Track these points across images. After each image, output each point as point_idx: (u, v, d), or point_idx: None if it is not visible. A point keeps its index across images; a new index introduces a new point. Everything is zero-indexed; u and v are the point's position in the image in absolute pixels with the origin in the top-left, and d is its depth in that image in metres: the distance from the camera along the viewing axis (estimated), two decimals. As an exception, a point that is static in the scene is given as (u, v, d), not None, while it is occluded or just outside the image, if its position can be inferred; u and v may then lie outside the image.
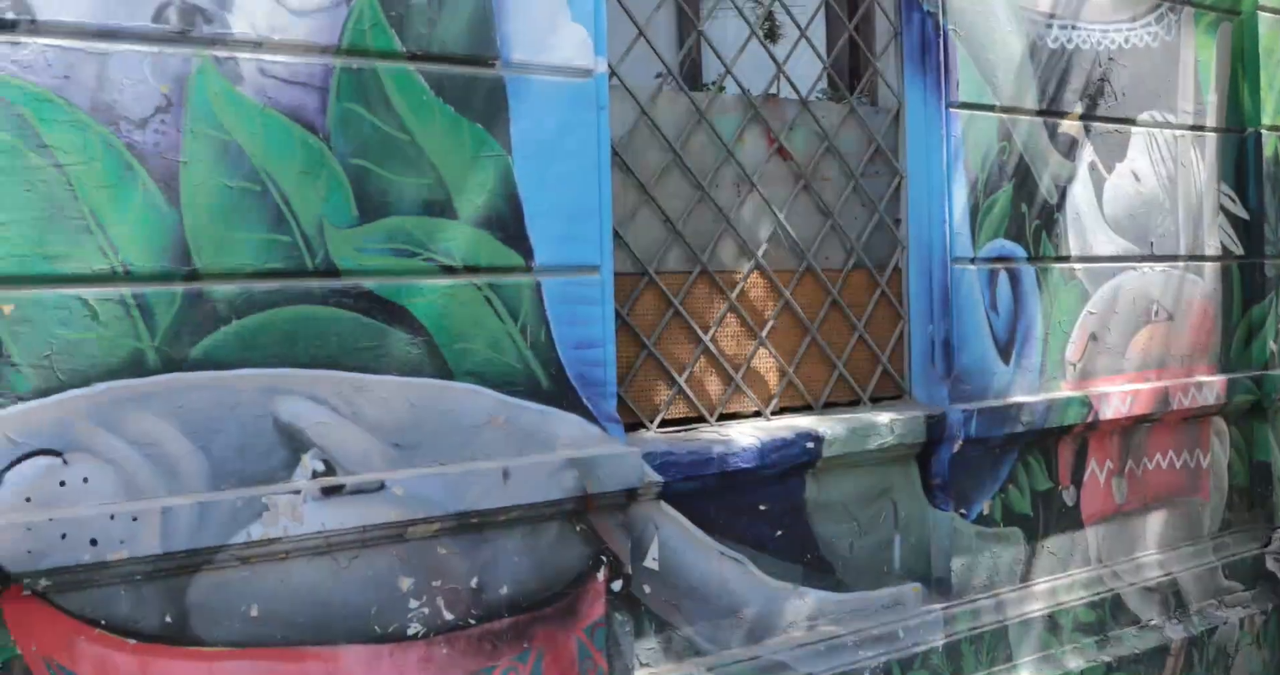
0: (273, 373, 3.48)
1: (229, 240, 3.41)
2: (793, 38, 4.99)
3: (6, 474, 3.13)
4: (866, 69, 5.24)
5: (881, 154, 5.20)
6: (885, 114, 5.24)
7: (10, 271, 3.12)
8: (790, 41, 5.00)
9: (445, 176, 3.76)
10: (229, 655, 3.46)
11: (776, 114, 4.91)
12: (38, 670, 3.20)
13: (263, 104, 3.46)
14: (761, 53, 4.89)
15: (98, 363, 3.24)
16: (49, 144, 3.17)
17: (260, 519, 3.43)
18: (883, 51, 5.24)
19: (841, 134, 5.09)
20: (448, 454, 3.77)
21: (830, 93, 5.20)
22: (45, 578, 3.17)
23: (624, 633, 4.20)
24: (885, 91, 5.27)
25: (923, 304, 5.24)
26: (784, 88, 4.95)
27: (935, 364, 5.23)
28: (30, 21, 3.15)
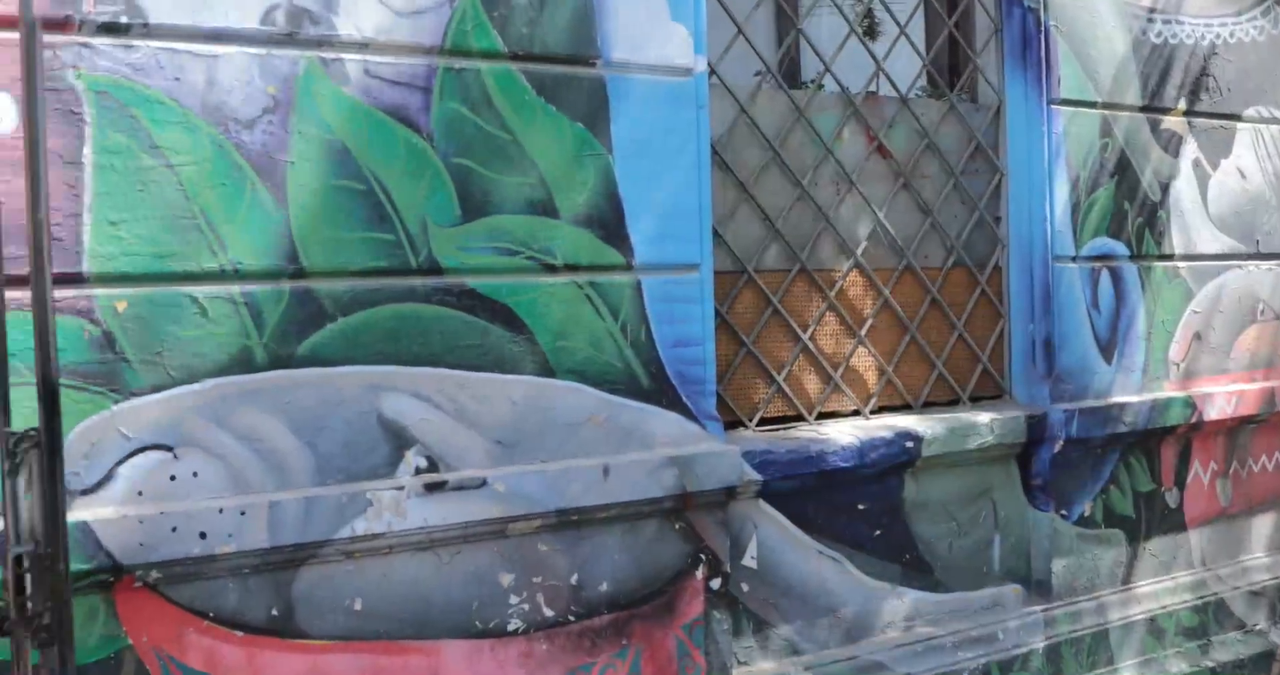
0: (377, 370, 3.52)
1: (334, 239, 3.46)
2: (892, 35, 4.96)
3: (119, 468, 3.19)
4: (966, 66, 5.20)
5: (981, 151, 5.15)
6: (985, 111, 5.19)
7: (124, 270, 3.18)
8: (889, 39, 4.97)
9: (547, 175, 3.78)
10: (333, 648, 3.50)
11: (876, 112, 4.88)
12: (148, 660, 3.26)
13: (368, 104, 3.50)
14: (861, 50, 4.87)
15: (207, 359, 3.30)
16: (161, 145, 3.23)
17: (364, 514, 3.47)
18: (983, 48, 5.20)
19: (941, 131, 5.06)
20: (548, 451, 3.79)
21: (930, 90, 5.16)
22: (156, 570, 3.22)
23: (722, 631, 4.20)
24: (985, 88, 5.22)
25: (1023, 302, 5.20)
26: (883, 85, 4.93)
27: (1036, 363, 5.18)
28: (143, 25, 3.20)
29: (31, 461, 2.26)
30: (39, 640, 2.26)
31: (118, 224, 3.17)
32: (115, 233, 3.17)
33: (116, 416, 3.19)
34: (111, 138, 3.17)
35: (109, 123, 3.17)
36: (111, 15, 3.17)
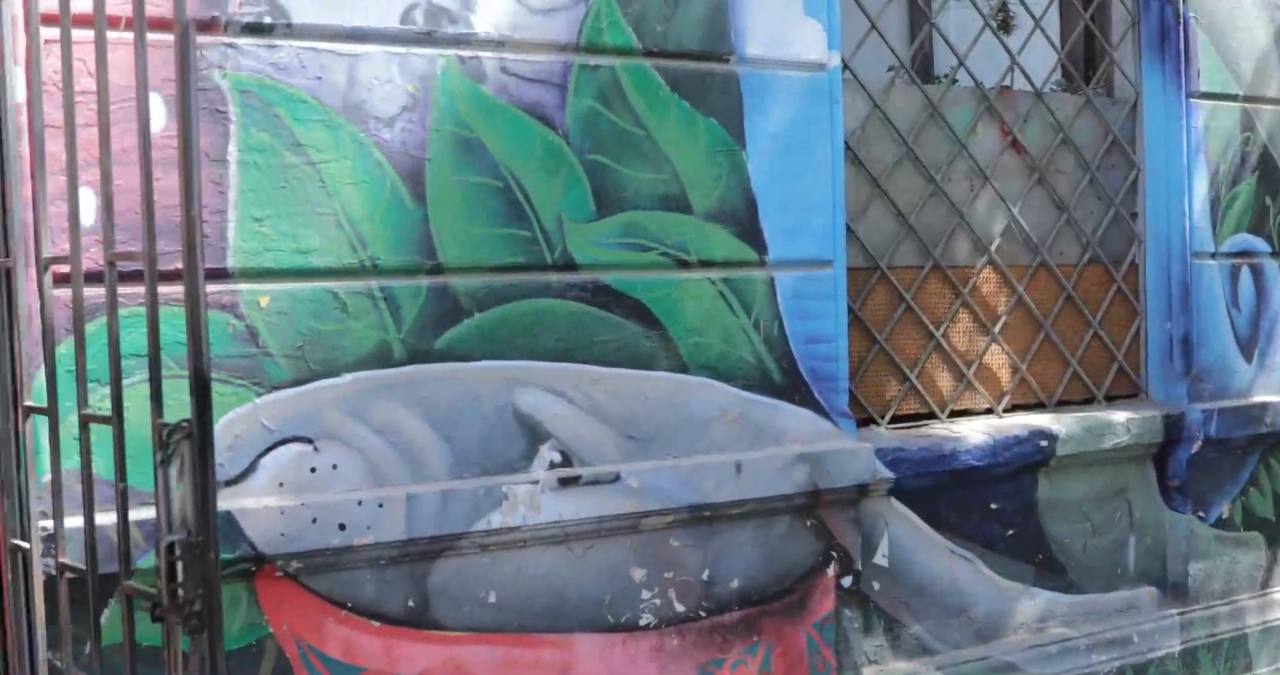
0: (512, 365, 3.55)
1: (471, 235, 3.49)
2: (1026, 28, 4.90)
3: (262, 460, 3.25)
4: (1102, 59, 5.12)
5: (1118, 146, 5.07)
6: (1122, 105, 5.11)
7: (267, 265, 3.24)
8: (1024, 32, 4.91)
9: (681, 171, 3.79)
10: (468, 640, 3.54)
11: (1010, 106, 4.83)
12: (288, 648, 3.32)
13: (504, 102, 3.53)
14: (995, 44, 4.82)
15: (347, 354, 3.35)
16: (303, 142, 3.28)
17: (500, 508, 3.50)
18: (1119, 41, 5.11)
19: (1077, 126, 4.98)
20: (681, 447, 3.80)
21: (1065, 84, 5.09)
22: (296, 560, 3.28)
23: (853, 629, 4.18)
24: (1122, 82, 5.14)
25: (1160, 300, 5.10)
26: (1018, 79, 4.87)
27: (1173, 362, 5.08)
28: (286, 25, 3.26)
29: (183, 452, 2.31)
30: (189, 627, 2.31)
31: (261, 220, 3.23)
32: (259, 229, 3.23)
33: (259, 409, 3.25)
34: (255, 136, 3.23)
35: (253, 121, 3.23)
36: (256, 16, 3.23)
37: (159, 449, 2.33)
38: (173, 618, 2.33)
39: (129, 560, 2.55)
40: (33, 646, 2.96)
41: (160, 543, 2.31)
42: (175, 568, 2.31)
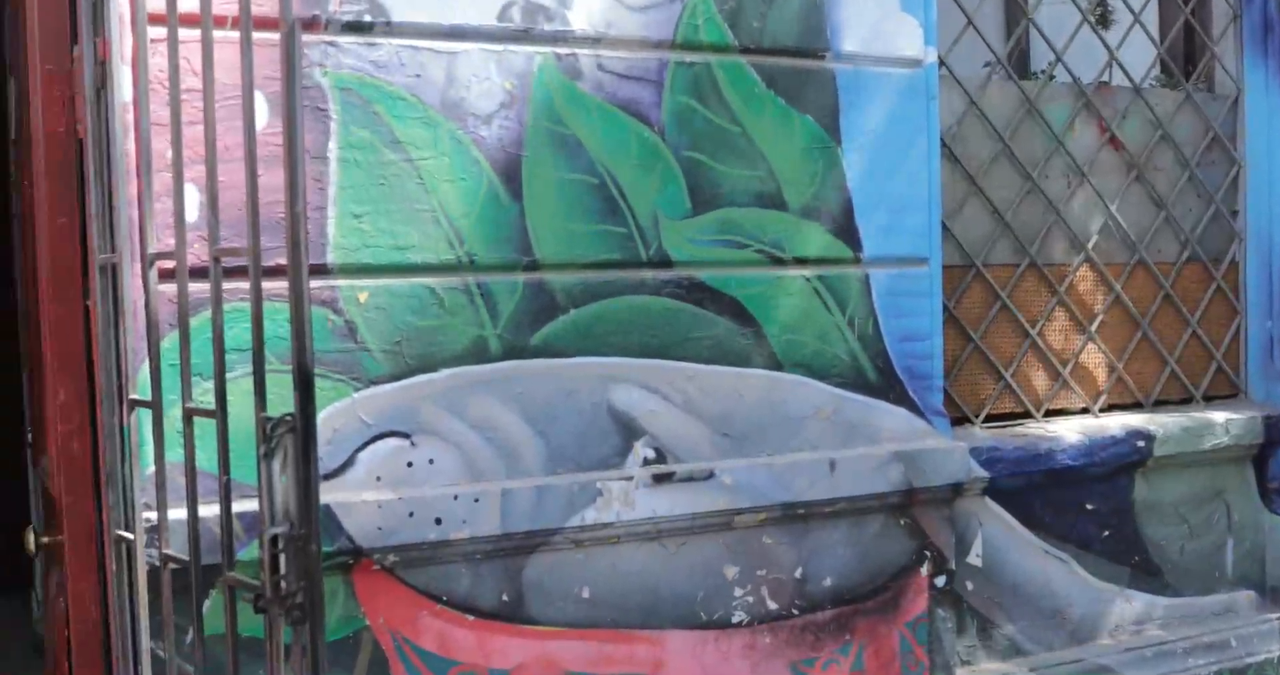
0: (608, 361, 3.56)
1: (567, 231, 3.50)
2: (1125, 23, 4.84)
3: (359, 454, 3.28)
4: (1203, 54, 5.04)
5: (1219, 142, 4.99)
6: (1223, 101, 5.03)
7: (366, 261, 3.27)
8: (1123, 27, 4.84)
9: (776, 168, 3.78)
10: (562, 635, 3.55)
11: (1108, 102, 4.76)
12: (384, 641, 3.35)
13: (600, 98, 3.54)
14: (1093, 39, 4.76)
15: (444, 349, 3.38)
16: (402, 140, 3.31)
17: (594, 504, 3.51)
18: (1220, 35, 5.03)
19: (1176, 122, 4.91)
20: (775, 444, 3.79)
21: (1164, 79, 5.02)
22: (393, 554, 3.31)
23: (946, 629, 4.15)
24: (1223, 77, 5.06)
25: (1261, 298, 5.02)
26: (1116, 75, 4.80)
27: (1274, 361, 5.00)
28: (385, 23, 3.29)
29: (286, 445, 2.33)
30: (291, 618, 2.33)
31: (360, 217, 3.26)
32: (358, 225, 3.26)
33: (357, 404, 3.28)
34: (355, 133, 3.26)
35: (353, 119, 3.26)
36: (356, 14, 3.26)
37: (262, 442, 2.35)
38: (275, 609, 2.36)
39: (232, 552, 2.58)
40: (135, 636, 3.01)
41: (264, 535, 2.33)
42: (278, 560, 2.33)
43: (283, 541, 2.33)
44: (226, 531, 2.57)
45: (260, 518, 2.38)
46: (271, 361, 2.94)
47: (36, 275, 3.58)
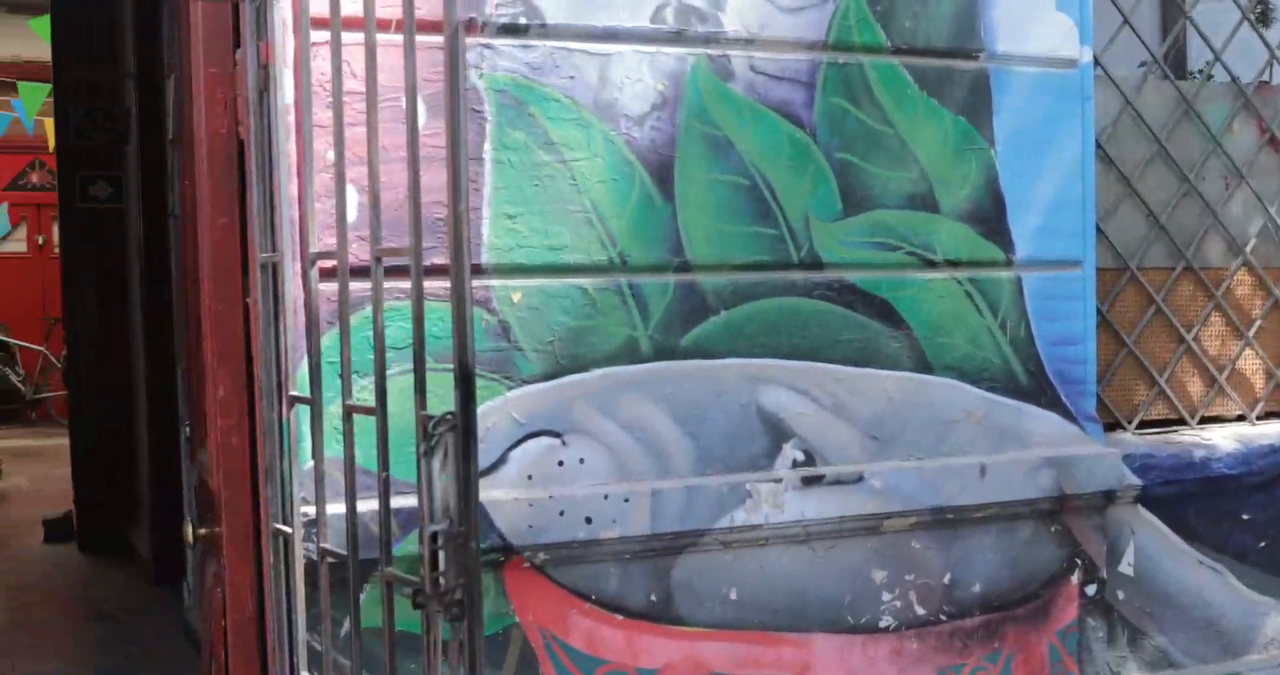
0: (757, 363, 3.56)
1: (718, 233, 3.50)
2: (1288, 21, 4.72)
3: (511, 452, 3.31)
4: (1369, 52, 4.89)
5: (1385, 143, 4.85)
6: (1390, 100, 4.88)
7: (519, 262, 3.30)
8: (1285, 25, 4.73)
9: (928, 170, 3.74)
10: (709, 636, 3.55)
11: (1269, 102, 4.64)
12: (533, 638, 3.38)
13: (752, 100, 3.53)
14: (1252, 37, 4.64)
15: (595, 349, 3.39)
16: (555, 141, 3.33)
17: (743, 505, 3.51)
18: (1388, 33, 4.88)
19: (1341, 122, 4.77)
20: (924, 448, 3.75)
21: (1328, 78, 4.88)
22: (544, 552, 3.33)
23: (1096, 638, 4.08)
24: (1390, 75, 4.91)
25: None
26: (1277, 74, 4.68)
27: None
28: (540, 25, 3.31)
29: (447, 443, 2.36)
30: (450, 614, 2.36)
31: (514, 218, 3.29)
32: (512, 226, 3.29)
33: (509, 402, 3.31)
34: (510, 135, 3.29)
35: (507, 120, 3.29)
36: (511, 17, 3.28)
37: (422, 440, 2.38)
38: (434, 605, 2.38)
39: (390, 548, 2.61)
40: (291, 628, 3.07)
41: (423, 532, 2.36)
42: (437, 557, 2.36)
43: (442, 538, 2.35)
44: (385, 527, 2.60)
45: (419, 514, 2.40)
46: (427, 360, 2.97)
47: (197, 274, 3.66)
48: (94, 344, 8.24)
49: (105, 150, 7.84)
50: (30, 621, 6.58)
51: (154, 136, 6.81)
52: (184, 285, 4.96)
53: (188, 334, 4.53)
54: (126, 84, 7.41)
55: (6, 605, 6.90)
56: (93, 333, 8.24)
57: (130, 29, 7.10)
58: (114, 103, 7.68)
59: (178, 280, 5.98)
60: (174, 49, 5.53)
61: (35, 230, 15.31)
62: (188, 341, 4.50)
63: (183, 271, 4.97)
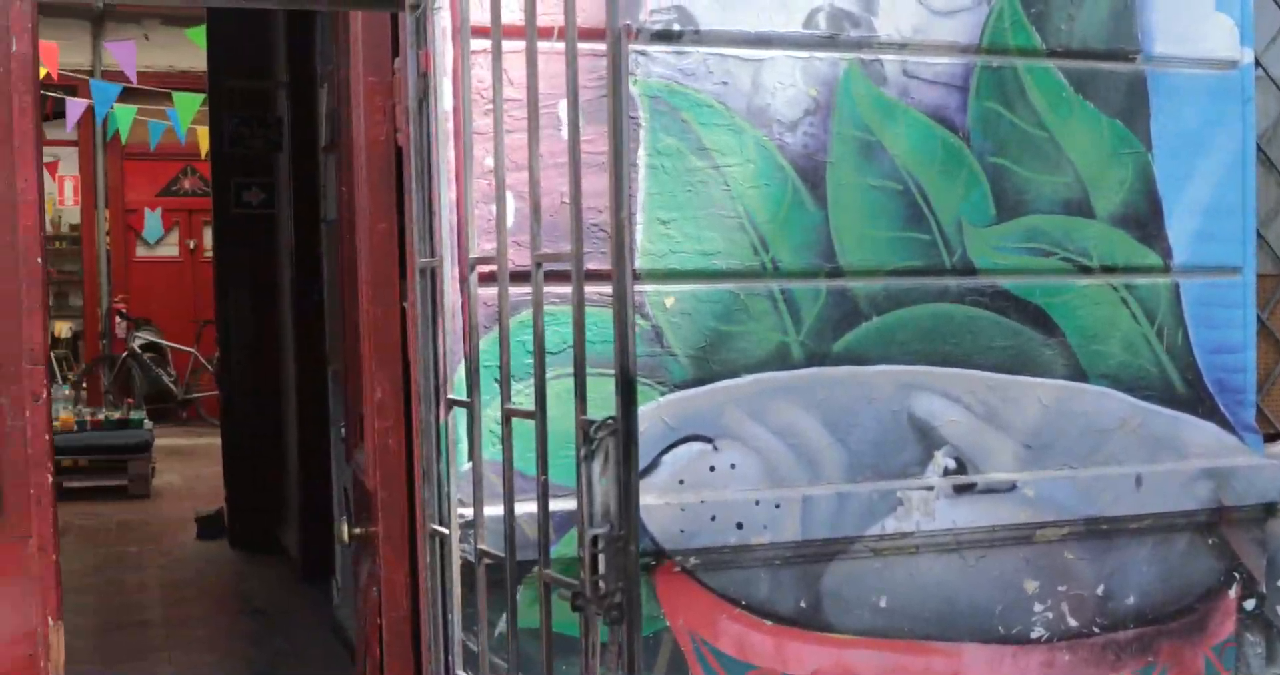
0: (909, 369, 3.53)
1: (870, 238, 3.49)
2: None
3: (663, 457, 3.33)
4: None
5: None
6: None
7: (672, 267, 3.31)
8: None
9: (1083, 174, 3.69)
10: (857, 643, 3.54)
11: None
12: (683, 642, 3.39)
13: (905, 104, 3.52)
14: None
15: (747, 354, 3.40)
16: (708, 146, 3.34)
17: (894, 513, 3.49)
18: None
19: None
20: (1078, 457, 3.70)
21: None
22: (695, 556, 3.35)
23: (1255, 655, 3.99)
24: None
25: None
26: None
27: None
28: (694, 32, 3.33)
29: (608, 447, 2.38)
30: (610, 618, 2.38)
31: (668, 223, 3.31)
32: (665, 232, 3.31)
33: (661, 407, 3.33)
34: (663, 140, 3.31)
35: (661, 126, 3.31)
36: (665, 23, 3.30)
37: (583, 444, 2.40)
38: (593, 608, 2.40)
39: (548, 550, 2.64)
40: (447, 627, 3.11)
41: (584, 535, 2.39)
42: (597, 560, 2.38)
43: (602, 542, 2.38)
44: (544, 530, 2.63)
45: (579, 518, 2.43)
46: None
47: (355, 278, 3.73)
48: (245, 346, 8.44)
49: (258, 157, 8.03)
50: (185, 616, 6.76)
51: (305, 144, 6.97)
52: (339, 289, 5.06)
53: (343, 337, 4.62)
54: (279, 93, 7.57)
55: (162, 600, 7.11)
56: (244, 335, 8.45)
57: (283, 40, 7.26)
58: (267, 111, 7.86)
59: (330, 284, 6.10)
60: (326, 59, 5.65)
61: (186, 235, 15.71)
62: (343, 344, 4.59)
63: (337, 276, 5.08)
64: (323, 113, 6.05)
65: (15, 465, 3.17)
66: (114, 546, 8.33)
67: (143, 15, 13.32)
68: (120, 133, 12.29)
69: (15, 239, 3.11)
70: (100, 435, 10.05)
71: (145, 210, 15.41)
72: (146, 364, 14.08)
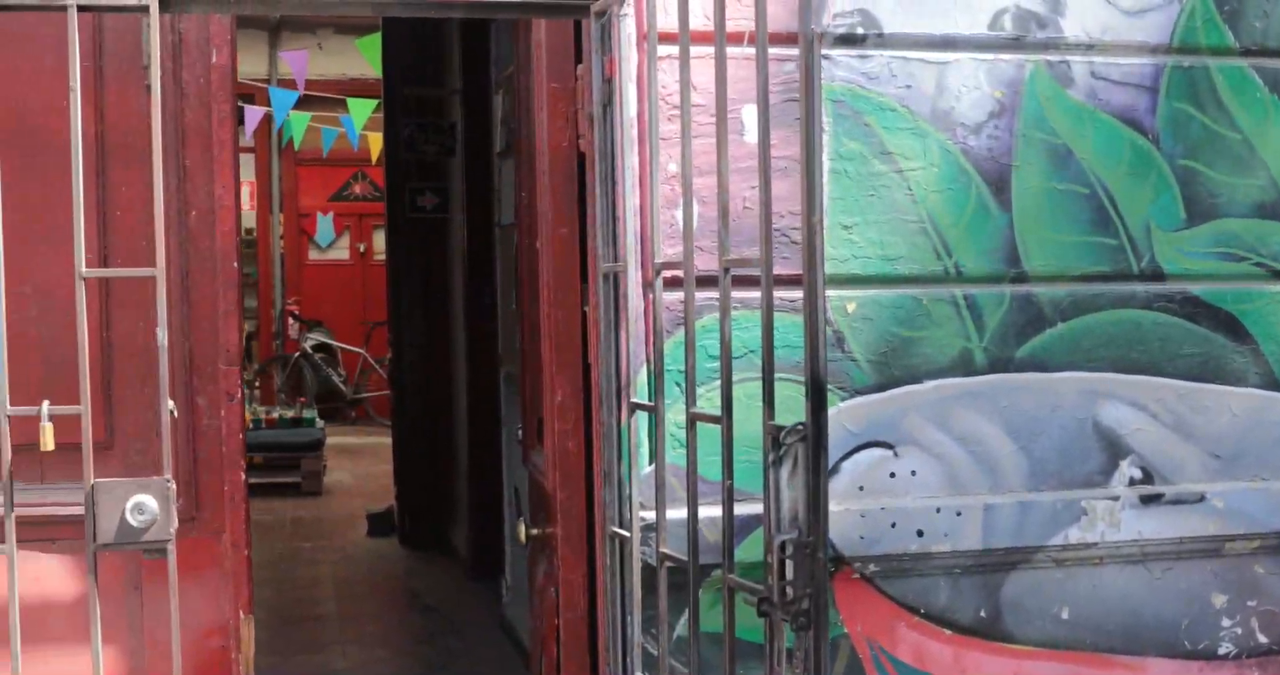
0: (1094, 376, 3.47)
1: (1055, 243, 3.43)
2: None
3: (843, 462, 3.31)
4: None
5: None
6: None
7: (854, 272, 3.30)
8: None
9: (1277, 176, 3.59)
10: (1038, 655, 3.48)
11: None
12: (860, 649, 3.37)
13: (1092, 106, 3.45)
14: None
15: (928, 360, 3.37)
16: (891, 151, 3.32)
17: (1078, 523, 3.43)
18: None
19: None
20: (1271, 468, 3.59)
21: None
22: (874, 563, 3.33)
23: None
24: None
25: None
26: None
27: None
28: (877, 35, 3.31)
29: (796, 453, 2.38)
30: (797, 624, 2.38)
31: (849, 228, 3.29)
32: (847, 236, 3.29)
33: (842, 413, 3.31)
34: (845, 145, 3.29)
35: (843, 130, 3.29)
36: (848, 27, 3.29)
37: (771, 449, 2.40)
38: (779, 614, 2.40)
39: (733, 555, 2.64)
40: (625, 629, 3.13)
41: (771, 541, 2.38)
42: (784, 566, 2.38)
43: (790, 548, 2.37)
44: (729, 535, 2.63)
45: (766, 523, 2.43)
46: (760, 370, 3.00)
47: (536, 282, 3.78)
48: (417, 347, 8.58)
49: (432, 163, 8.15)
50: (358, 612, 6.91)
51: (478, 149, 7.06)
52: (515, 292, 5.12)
53: (520, 340, 4.67)
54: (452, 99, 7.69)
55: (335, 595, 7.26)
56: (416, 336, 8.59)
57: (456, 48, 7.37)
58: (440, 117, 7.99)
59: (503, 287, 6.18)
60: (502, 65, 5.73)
61: (357, 238, 16.04)
62: (521, 347, 4.64)
63: (516, 280, 5.14)
64: (497, 118, 6.13)
65: (210, 463, 3.27)
66: (288, 542, 8.54)
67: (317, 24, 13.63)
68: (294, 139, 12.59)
69: (214, 244, 3.21)
70: (275, 434, 10.30)
71: (317, 214, 15.77)
72: (318, 364, 14.39)
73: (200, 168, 3.21)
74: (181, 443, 3.22)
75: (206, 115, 3.20)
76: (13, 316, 2.76)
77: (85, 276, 2.63)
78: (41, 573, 3.18)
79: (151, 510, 2.66)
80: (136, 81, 3.16)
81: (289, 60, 10.57)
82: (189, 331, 3.23)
